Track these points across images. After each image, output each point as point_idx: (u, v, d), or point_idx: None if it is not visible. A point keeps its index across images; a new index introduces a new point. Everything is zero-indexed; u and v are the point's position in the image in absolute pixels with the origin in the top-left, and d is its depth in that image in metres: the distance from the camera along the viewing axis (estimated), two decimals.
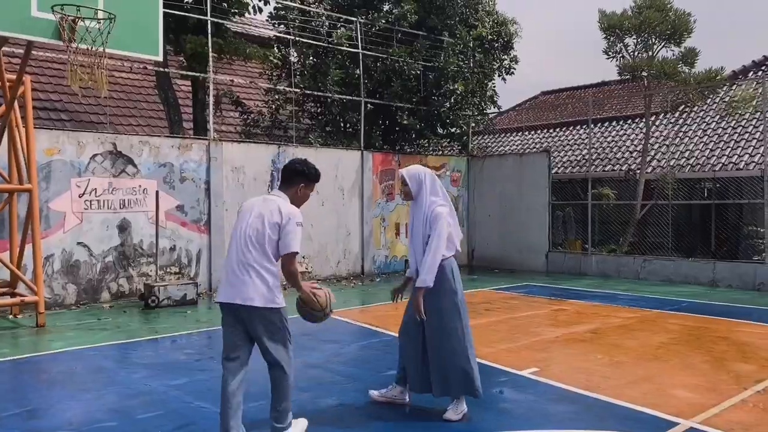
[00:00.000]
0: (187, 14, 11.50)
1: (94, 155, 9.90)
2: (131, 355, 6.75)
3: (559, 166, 17.27)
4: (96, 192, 9.89)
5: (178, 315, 9.02)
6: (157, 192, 10.26)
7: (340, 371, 6.05)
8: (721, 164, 14.17)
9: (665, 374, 5.83)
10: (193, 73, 12.23)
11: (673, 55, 13.91)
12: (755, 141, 14.25)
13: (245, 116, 14.78)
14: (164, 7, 8.82)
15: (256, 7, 13.45)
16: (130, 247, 10.25)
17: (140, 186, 10.36)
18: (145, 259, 10.39)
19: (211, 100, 11.66)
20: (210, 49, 11.49)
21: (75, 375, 5.90)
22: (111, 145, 10.09)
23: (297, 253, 3.93)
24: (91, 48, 7.05)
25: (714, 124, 15.89)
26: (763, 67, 17.32)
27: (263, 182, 11.97)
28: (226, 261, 4.07)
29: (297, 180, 4.15)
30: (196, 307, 9.66)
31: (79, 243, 9.70)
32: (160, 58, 8.21)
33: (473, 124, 16.95)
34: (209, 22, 11.41)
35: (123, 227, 10.15)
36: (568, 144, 18.75)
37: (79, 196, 9.72)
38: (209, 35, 11.44)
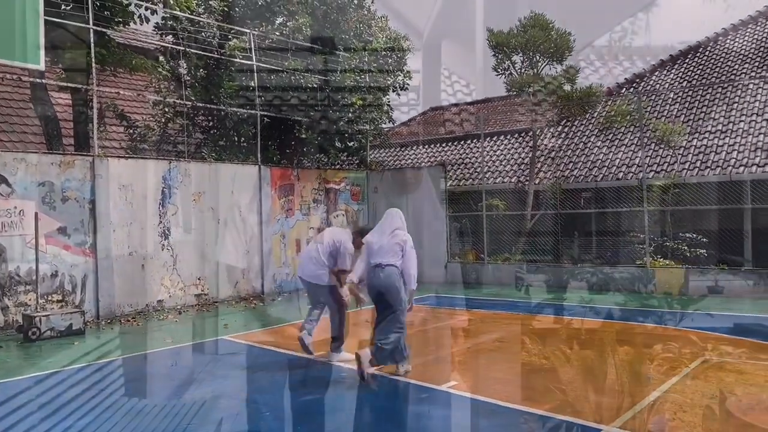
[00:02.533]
0: (66, 21, 10.66)
1: None
2: (10, 395, 6.03)
3: (453, 179, 17.66)
4: None
5: (64, 347, 8.23)
6: (36, 214, 9.38)
7: (255, 399, 5.72)
8: (602, 175, 15.06)
9: (578, 380, 5.99)
10: (74, 85, 11.36)
11: (557, 72, 14.68)
12: (632, 153, 15.29)
13: (131, 130, 13.94)
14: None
15: (143, 17, 12.73)
16: (5, 275, 9.29)
17: (16, 207, 9.42)
18: (23, 288, 9.45)
19: (95, 113, 10.86)
20: (93, 60, 10.72)
21: None
22: None
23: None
24: None
25: (594, 137, 16.90)
26: (634, 84, 18.70)
27: (154, 200, 11.28)
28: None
29: None
30: (84, 338, 8.87)
31: None
32: (41, 67, 7.55)
33: (371, 138, 16.99)
34: (91, 30, 10.66)
35: None
36: (460, 158, 19.25)
37: None
38: (92, 45, 10.68)
